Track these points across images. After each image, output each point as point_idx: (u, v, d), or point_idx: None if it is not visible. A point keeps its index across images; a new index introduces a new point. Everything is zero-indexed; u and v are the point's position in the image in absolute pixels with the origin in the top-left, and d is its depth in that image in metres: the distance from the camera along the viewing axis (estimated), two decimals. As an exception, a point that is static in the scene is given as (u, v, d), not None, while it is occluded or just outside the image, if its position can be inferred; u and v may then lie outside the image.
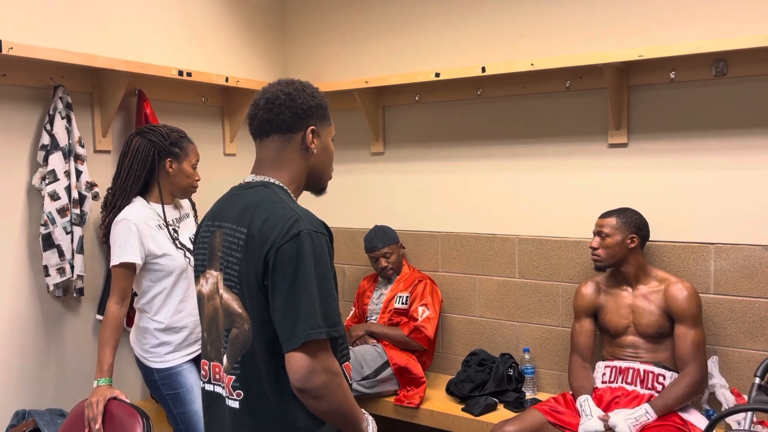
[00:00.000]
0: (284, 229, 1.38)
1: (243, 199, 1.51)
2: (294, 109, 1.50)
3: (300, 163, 1.53)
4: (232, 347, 1.47)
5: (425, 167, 3.41)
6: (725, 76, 2.63)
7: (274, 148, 1.53)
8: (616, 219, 2.63)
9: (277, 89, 1.52)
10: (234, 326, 1.47)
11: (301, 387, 1.36)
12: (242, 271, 1.44)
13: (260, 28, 3.65)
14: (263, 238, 1.40)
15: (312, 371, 1.34)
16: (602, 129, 2.92)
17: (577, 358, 2.70)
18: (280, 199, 1.46)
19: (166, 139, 2.34)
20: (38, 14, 2.58)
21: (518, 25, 3.08)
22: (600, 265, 2.65)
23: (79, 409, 2.17)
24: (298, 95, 1.50)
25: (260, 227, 1.41)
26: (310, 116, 1.52)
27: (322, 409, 1.38)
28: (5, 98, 2.50)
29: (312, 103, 1.52)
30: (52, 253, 2.51)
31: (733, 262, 2.66)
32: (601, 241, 2.62)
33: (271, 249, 1.38)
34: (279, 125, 1.50)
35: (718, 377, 2.61)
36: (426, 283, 3.19)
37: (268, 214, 1.42)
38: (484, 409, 2.85)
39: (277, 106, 1.50)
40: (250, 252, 1.42)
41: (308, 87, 1.54)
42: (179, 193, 2.42)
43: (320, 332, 1.35)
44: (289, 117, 1.50)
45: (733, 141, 2.66)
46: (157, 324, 2.31)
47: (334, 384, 1.38)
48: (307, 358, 1.34)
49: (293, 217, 1.40)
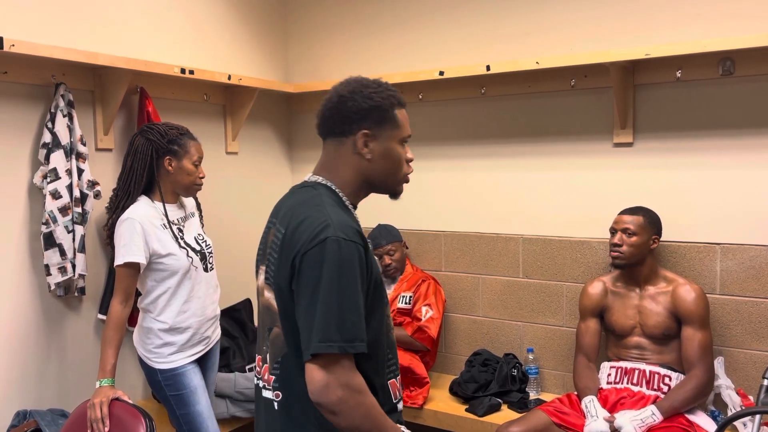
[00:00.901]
0: (312, 234, 1.35)
1: (293, 199, 1.49)
2: (343, 112, 1.44)
3: (354, 168, 1.47)
4: (273, 347, 1.45)
5: (428, 166, 3.39)
6: (732, 75, 2.61)
7: (331, 151, 1.49)
8: (643, 218, 2.59)
9: (336, 90, 1.47)
10: (275, 325, 1.44)
11: (316, 401, 1.32)
12: (276, 272, 1.42)
13: (262, 26, 3.63)
14: (294, 241, 1.38)
15: (326, 385, 1.30)
16: (608, 128, 2.90)
17: (582, 359, 2.68)
18: (322, 202, 1.42)
19: (164, 137, 2.32)
20: (40, 11, 2.56)
21: (523, 23, 3.06)
22: (620, 263, 2.58)
23: (81, 410, 2.15)
24: (351, 97, 1.44)
25: (294, 230, 1.39)
26: (363, 119, 1.44)
27: (341, 425, 1.34)
28: (7, 96, 2.48)
29: (365, 105, 1.43)
30: (53, 252, 2.49)
31: (740, 263, 2.64)
32: (627, 239, 2.56)
33: (298, 253, 1.35)
34: (331, 128, 1.47)
35: (723, 378, 2.60)
36: (429, 283, 3.17)
37: (304, 217, 1.39)
38: (487, 410, 2.84)
39: (329, 109, 1.46)
40: (283, 254, 1.40)
41: (369, 87, 1.46)
42: (182, 191, 2.39)
43: (331, 346, 1.29)
44: (339, 121, 1.45)
45: (740, 140, 2.65)
46: (161, 324, 2.29)
47: (353, 401, 1.32)
48: (321, 372, 1.30)
49: (324, 223, 1.36)
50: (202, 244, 2.41)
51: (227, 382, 2.85)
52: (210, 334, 2.42)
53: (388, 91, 1.47)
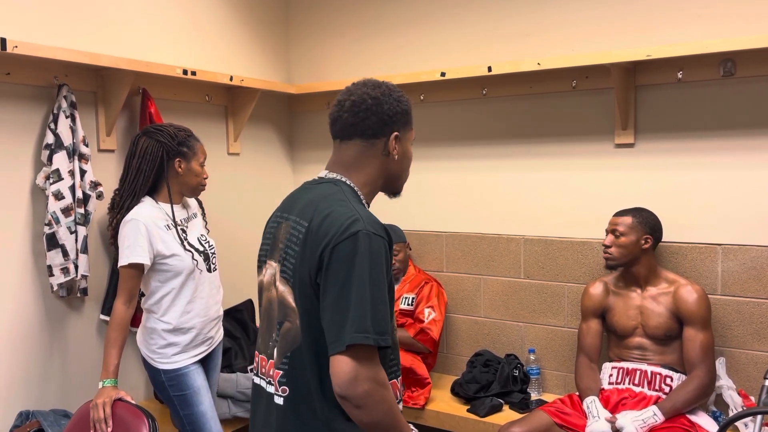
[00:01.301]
0: (342, 227, 1.35)
1: (311, 193, 1.50)
2: (380, 114, 1.48)
3: (379, 168, 1.52)
4: (283, 341, 1.44)
5: (430, 167, 3.39)
6: (733, 76, 2.62)
7: (356, 151, 1.51)
8: (632, 218, 2.61)
9: (363, 92, 1.49)
10: (287, 320, 1.44)
11: (342, 393, 1.31)
12: (297, 265, 1.41)
13: (264, 27, 3.63)
14: (321, 234, 1.37)
15: (356, 378, 1.29)
16: (609, 129, 2.90)
17: (584, 359, 2.69)
18: (345, 197, 1.44)
19: (174, 138, 2.33)
20: (43, 13, 2.56)
21: (524, 24, 3.07)
22: (611, 264, 2.63)
23: (84, 410, 2.15)
24: (386, 100, 1.48)
25: (320, 223, 1.39)
26: (396, 122, 1.50)
27: (364, 419, 1.32)
28: (9, 97, 2.48)
29: (398, 108, 1.49)
30: (56, 252, 2.50)
31: (741, 263, 2.65)
32: (615, 240, 2.60)
33: (327, 246, 1.35)
34: (364, 130, 1.49)
35: (725, 379, 2.60)
36: (432, 285, 3.17)
37: (330, 210, 1.40)
38: (489, 410, 2.84)
39: (363, 111, 1.47)
40: (307, 247, 1.40)
41: (395, 91, 1.52)
42: (189, 193, 2.41)
43: (367, 337, 1.29)
44: (375, 122, 1.48)
45: (741, 141, 2.65)
46: (164, 325, 2.29)
47: (378, 395, 1.32)
48: (351, 363, 1.29)
49: (353, 216, 1.37)
50: (205, 245, 2.41)
51: (229, 382, 2.85)
52: (213, 335, 2.42)
53: (406, 96, 1.55)
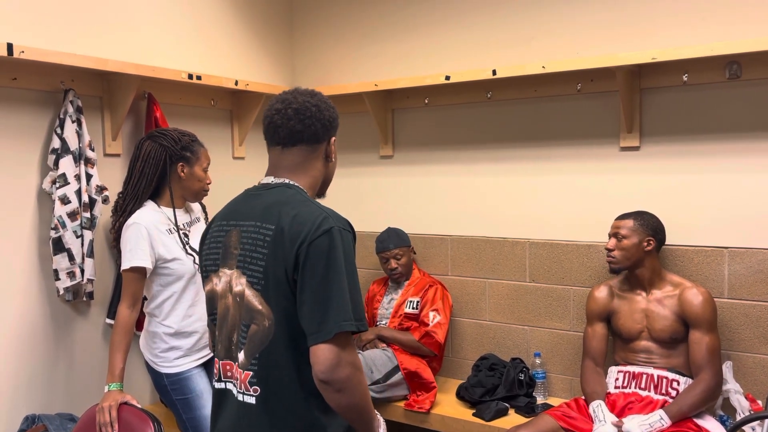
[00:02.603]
0: (315, 225, 1.43)
1: (264, 199, 1.54)
2: (323, 120, 1.57)
3: (321, 171, 1.61)
4: (251, 343, 1.49)
5: (435, 170, 3.39)
6: (739, 79, 2.61)
7: (300, 156, 1.58)
8: (633, 221, 2.61)
9: (304, 100, 1.56)
10: (253, 323, 1.49)
11: (325, 378, 1.38)
12: (268, 266, 1.46)
13: (269, 32, 3.64)
14: (294, 233, 1.43)
15: (338, 363, 1.37)
16: (614, 132, 2.90)
17: (590, 363, 2.67)
18: (306, 198, 1.53)
19: (177, 143, 2.34)
20: (49, 18, 2.58)
21: (529, 28, 3.07)
22: (614, 267, 2.63)
23: (90, 414, 2.16)
24: (324, 107, 1.58)
25: (290, 223, 1.45)
26: (333, 128, 1.61)
27: (342, 402, 1.41)
28: (16, 102, 2.49)
29: (334, 115, 1.60)
30: (62, 256, 2.51)
31: (748, 266, 2.63)
32: (617, 243, 2.60)
33: (303, 243, 1.42)
34: (310, 136, 1.57)
35: (732, 383, 2.58)
36: (437, 288, 3.17)
37: (297, 211, 1.47)
38: (495, 414, 2.83)
39: (308, 118, 1.55)
40: (278, 247, 1.45)
41: (326, 98, 1.61)
42: (191, 197, 2.42)
43: (351, 324, 1.39)
44: (319, 128, 1.56)
45: (747, 144, 2.64)
46: (166, 328, 2.30)
47: (356, 378, 1.41)
48: (335, 350, 1.37)
49: (323, 215, 1.45)
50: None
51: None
52: (217, 339, 2.42)
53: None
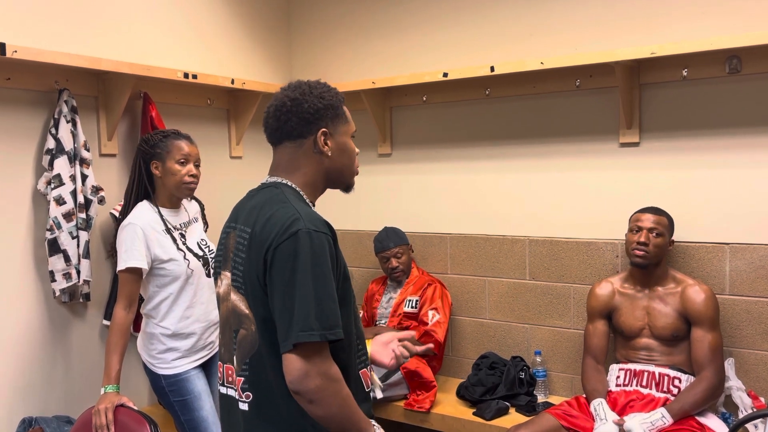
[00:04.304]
0: (283, 228, 1.37)
1: (254, 200, 1.51)
2: (301, 114, 1.48)
3: (315, 166, 1.52)
4: (241, 348, 1.47)
5: (433, 168, 3.37)
6: (739, 73, 2.59)
7: (288, 154, 1.53)
8: (667, 219, 2.58)
9: (284, 95, 1.51)
10: (242, 327, 1.47)
11: (295, 389, 1.35)
12: (246, 270, 1.44)
13: (266, 30, 3.62)
14: (264, 237, 1.40)
15: (305, 374, 1.33)
16: (613, 128, 2.88)
17: (591, 361, 2.66)
18: (286, 198, 1.45)
19: (147, 142, 2.32)
20: (42, 17, 2.56)
21: (527, 24, 3.04)
22: (643, 263, 2.54)
23: (86, 416, 2.14)
24: (305, 99, 1.48)
25: (263, 226, 1.41)
26: (320, 119, 1.49)
27: (318, 413, 1.36)
28: (10, 102, 2.47)
29: (320, 105, 1.49)
30: (58, 258, 2.49)
31: (749, 263, 2.61)
32: (654, 239, 2.53)
33: (270, 248, 1.38)
34: (288, 132, 1.50)
35: (734, 380, 2.57)
36: (436, 287, 3.15)
37: (271, 213, 1.42)
38: (495, 413, 2.81)
39: (284, 114, 1.49)
40: (252, 251, 1.42)
41: (317, 88, 1.51)
42: (175, 193, 2.32)
43: (311, 335, 1.32)
44: (297, 123, 1.48)
45: (747, 139, 2.62)
46: (163, 330, 2.28)
47: (330, 389, 1.35)
48: (300, 361, 1.33)
49: (293, 216, 1.39)
50: (205, 250, 2.40)
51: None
52: (214, 339, 2.40)
53: (334, 89, 1.54)
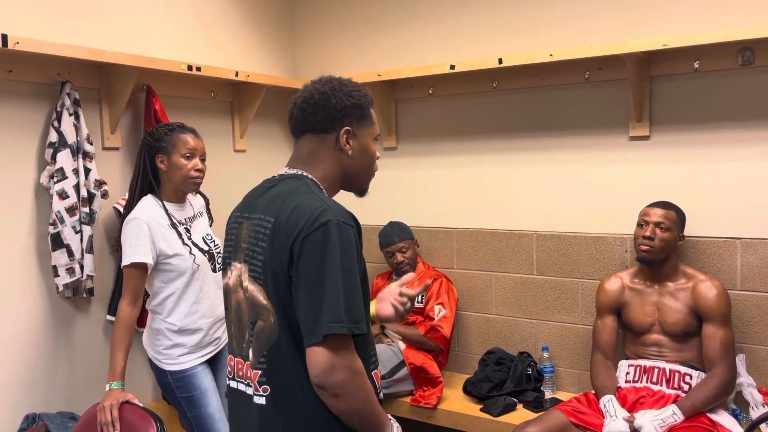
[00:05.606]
0: (312, 218, 1.35)
1: (274, 190, 1.48)
2: (328, 109, 1.46)
3: (334, 163, 1.50)
4: (258, 341, 1.44)
5: (439, 162, 3.34)
6: (752, 65, 2.55)
7: (309, 147, 1.51)
8: (675, 214, 2.55)
9: (313, 88, 1.49)
10: (259, 319, 1.43)
11: (320, 383, 1.32)
12: (267, 261, 1.40)
13: (270, 22, 3.58)
14: (290, 227, 1.37)
15: (332, 367, 1.30)
16: (623, 121, 2.84)
17: (600, 356, 2.63)
18: (311, 190, 1.44)
19: (152, 136, 2.29)
20: (44, 8, 2.52)
21: (536, 15, 3.01)
22: (648, 257, 2.52)
23: (91, 413, 2.12)
24: (334, 95, 1.47)
25: (288, 216, 1.38)
26: (346, 117, 1.48)
27: (341, 408, 1.34)
28: (11, 94, 2.44)
29: (348, 103, 1.47)
30: (61, 252, 2.46)
31: (761, 257, 2.58)
32: (660, 233, 2.51)
33: (297, 238, 1.35)
34: (312, 125, 1.48)
35: (745, 376, 2.54)
36: (441, 282, 3.12)
37: (297, 203, 1.39)
38: (503, 410, 2.79)
39: (311, 106, 1.47)
40: (276, 241, 1.39)
41: (347, 86, 1.50)
42: (181, 188, 2.30)
43: (342, 326, 1.30)
44: (323, 117, 1.47)
45: (760, 132, 2.58)
46: (169, 325, 2.25)
47: (355, 383, 1.33)
48: (327, 353, 1.30)
49: (321, 207, 1.37)
50: (211, 244, 2.37)
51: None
52: (220, 335, 2.37)
53: (364, 90, 1.53)
